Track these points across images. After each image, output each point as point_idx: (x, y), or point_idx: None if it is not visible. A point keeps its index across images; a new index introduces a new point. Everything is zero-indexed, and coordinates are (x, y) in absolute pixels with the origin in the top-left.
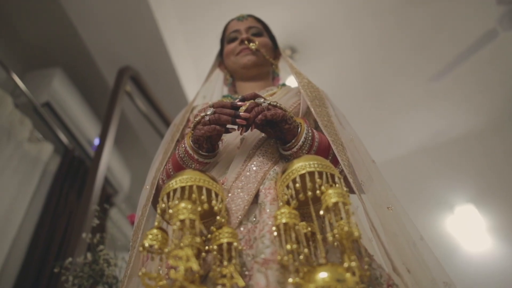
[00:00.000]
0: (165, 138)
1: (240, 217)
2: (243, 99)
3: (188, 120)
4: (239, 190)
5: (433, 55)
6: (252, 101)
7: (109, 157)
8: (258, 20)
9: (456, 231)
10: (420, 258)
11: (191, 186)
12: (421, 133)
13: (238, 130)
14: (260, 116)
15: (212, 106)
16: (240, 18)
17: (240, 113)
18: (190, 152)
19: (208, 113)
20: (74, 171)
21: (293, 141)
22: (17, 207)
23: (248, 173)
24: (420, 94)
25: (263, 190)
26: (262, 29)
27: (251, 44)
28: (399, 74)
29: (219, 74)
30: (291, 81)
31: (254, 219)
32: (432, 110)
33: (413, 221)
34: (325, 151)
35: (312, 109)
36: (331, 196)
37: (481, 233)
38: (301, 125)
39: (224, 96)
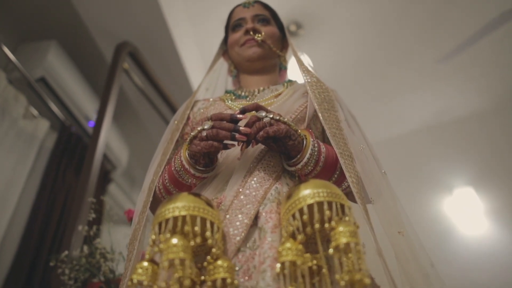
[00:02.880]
0: (165, 136)
1: (238, 243)
2: (243, 111)
3: (189, 118)
4: (237, 211)
5: (441, 36)
6: (253, 113)
7: (108, 133)
8: (265, 7)
9: (454, 213)
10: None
11: (184, 217)
12: (424, 112)
13: (238, 145)
14: (261, 133)
15: (211, 118)
16: (246, 5)
17: (240, 128)
18: (187, 166)
19: (205, 127)
20: (71, 148)
21: (298, 156)
22: (13, 185)
23: (247, 191)
24: (425, 75)
25: (263, 213)
26: (269, 16)
27: (256, 35)
28: (406, 55)
29: (223, 64)
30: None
31: (253, 244)
32: (435, 90)
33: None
34: (332, 166)
35: (319, 114)
36: (342, 235)
37: (478, 216)
38: (306, 139)
39: (227, 92)
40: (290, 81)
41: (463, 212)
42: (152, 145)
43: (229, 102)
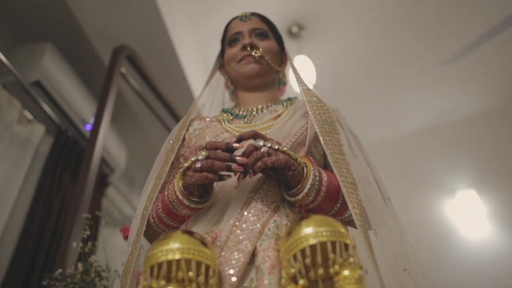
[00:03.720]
0: (159, 157)
1: (234, 285)
2: (240, 139)
3: (184, 139)
4: (233, 248)
5: (444, 37)
6: (250, 142)
7: (105, 137)
8: (263, 19)
9: (455, 215)
10: None
11: (178, 260)
12: (426, 112)
13: (235, 175)
14: (259, 164)
15: (205, 147)
16: (242, 18)
17: (237, 158)
18: (180, 197)
19: (199, 157)
20: (67, 152)
21: (298, 186)
22: (8, 192)
23: (244, 225)
24: (428, 75)
25: (261, 251)
26: (267, 30)
27: (254, 50)
28: (409, 55)
29: (219, 77)
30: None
31: (250, 283)
32: (438, 91)
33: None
34: (334, 195)
35: (321, 138)
36: (347, 281)
37: (480, 219)
38: (306, 168)
39: (223, 111)
40: (290, 99)
41: (465, 215)
42: (151, 146)
43: (226, 123)
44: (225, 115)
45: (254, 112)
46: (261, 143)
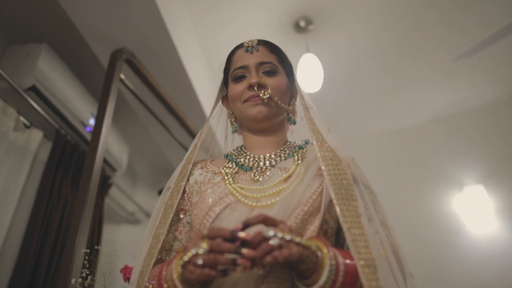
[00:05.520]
0: (156, 208)
1: None
2: (246, 225)
3: (184, 191)
4: None
5: (456, 31)
6: (259, 230)
7: (106, 141)
8: (272, 49)
9: (463, 211)
10: None
11: None
12: (435, 104)
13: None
14: (269, 259)
15: (207, 236)
16: (248, 49)
17: (243, 252)
18: (179, 287)
19: (200, 251)
20: (67, 158)
21: (313, 276)
22: (6, 204)
23: None
24: (438, 68)
25: None
26: (276, 63)
27: (262, 92)
28: (419, 49)
29: (221, 108)
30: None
31: None
32: (448, 83)
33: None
34: (351, 282)
35: (337, 208)
36: None
37: (488, 215)
38: (321, 252)
39: (227, 158)
40: (301, 147)
41: (473, 210)
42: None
43: (230, 180)
44: (229, 166)
45: (261, 163)
46: (271, 233)
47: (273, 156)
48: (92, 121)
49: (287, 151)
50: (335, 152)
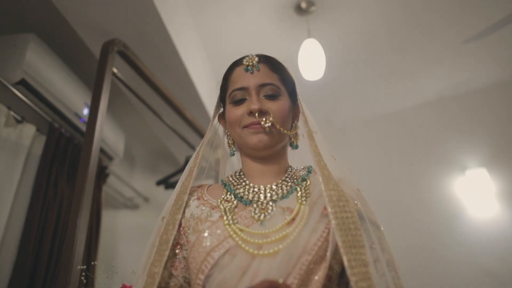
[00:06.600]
0: (151, 240)
1: None
2: None
3: (180, 224)
4: None
5: (466, 12)
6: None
7: (102, 132)
8: (273, 68)
9: (465, 194)
10: None
11: None
12: (439, 85)
13: None
14: None
15: None
16: (248, 68)
17: None
18: None
19: None
20: (62, 151)
21: None
22: (2, 201)
23: None
24: (445, 50)
25: None
26: (278, 84)
27: (263, 119)
28: (427, 29)
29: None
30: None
31: None
32: (453, 64)
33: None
34: None
35: (344, 258)
36: None
37: (489, 198)
38: None
39: (224, 186)
40: (304, 179)
41: (475, 194)
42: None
43: (229, 220)
44: (227, 198)
45: (261, 196)
46: None
47: (274, 187)
48: (86, 111)
49: (289, 182)
50: (340, 182)
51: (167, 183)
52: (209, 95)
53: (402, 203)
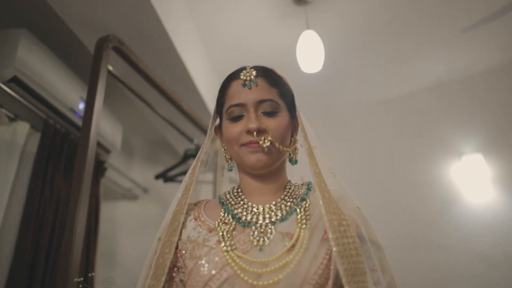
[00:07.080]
0: (148, 261)
1: None
2: None
3: (177, 246)
4: None
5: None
6: None
7: (98, 126)
8: (271, 82)
9: (461, 179)
10: None
11: None
12: (436, 70)
13: None
14: None
15: None
16: (246, 83)
17: None
18: None
19: None
20: (57, 148)
21: None
22: None
23: None
24: (443, 37)
25: None
26: (277, 98)
27: (262, 139)
28: (427, 17)
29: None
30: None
31: None
32: (450, 51)
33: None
34: None
35: None
36: None
37: (485, 184)
38: None
39: (222, 205)
40: (303, 198)
41: (470, 179)
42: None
43: (228, 245)
44: (225, 220)
45: (260, 218)
46: None
47: (273, 207)
48: (81, 106)
49: (288, 202)
50: (341, 201)
51: (166, 176)
52: (207, 87)
53: (398, 188)
